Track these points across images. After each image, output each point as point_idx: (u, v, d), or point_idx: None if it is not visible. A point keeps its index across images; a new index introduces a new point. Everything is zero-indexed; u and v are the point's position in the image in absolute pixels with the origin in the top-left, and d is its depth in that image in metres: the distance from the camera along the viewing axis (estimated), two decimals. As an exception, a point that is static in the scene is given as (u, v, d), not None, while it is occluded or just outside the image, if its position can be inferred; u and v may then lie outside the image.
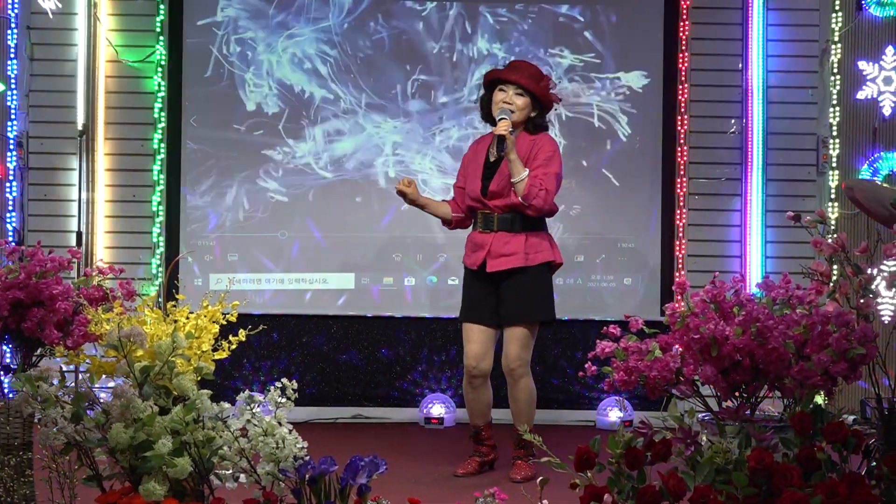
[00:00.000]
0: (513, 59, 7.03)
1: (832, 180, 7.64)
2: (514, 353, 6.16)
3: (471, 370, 6.23)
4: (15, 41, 7.60)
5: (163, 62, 7.79)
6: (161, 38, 7.79)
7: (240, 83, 7.89)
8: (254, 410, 4.21)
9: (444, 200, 6.49)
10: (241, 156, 7.90)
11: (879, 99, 7.65)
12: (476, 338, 6.23)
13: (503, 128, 6.01)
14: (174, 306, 4.75)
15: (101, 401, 4.35)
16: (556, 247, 6.25)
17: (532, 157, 6.07)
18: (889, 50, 7.63)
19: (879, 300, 4.13)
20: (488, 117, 6.28)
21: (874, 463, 3.83)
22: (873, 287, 4.03)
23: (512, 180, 6.03)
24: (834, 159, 7.65)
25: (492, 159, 6.17)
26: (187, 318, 4.71)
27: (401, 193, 6.30)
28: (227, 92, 7.89)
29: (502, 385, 6.49)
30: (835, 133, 7.65)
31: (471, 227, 6.34)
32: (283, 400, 4.21)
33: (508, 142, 5.99)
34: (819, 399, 3.91)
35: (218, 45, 7.87)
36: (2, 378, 4.92)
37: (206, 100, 7.89)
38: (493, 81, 6.23)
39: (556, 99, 6.27)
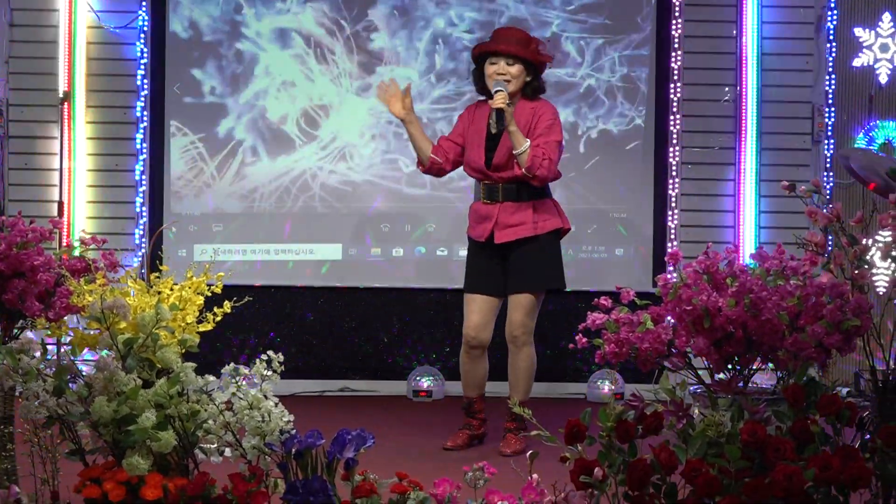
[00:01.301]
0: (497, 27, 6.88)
1: (827, 149, 7.60)
2: (519, 319, 6.13)
3: (470, 340, 6.19)
4: (-6, 7, 7.55)
5: (145, 28, 7.70)
6: (143, 3, 7.69)
7: (225, 49, 7.80)
8: (239, 383, 4.19)
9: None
10: (225, 124, 7.82)
11: (876, 66, 7.62)
12: (478, 308, 6.19)
13: (500, 100, 5.94)
14: (158, 278, 4.72)
15: (84, 374, 4.33)
16: (563, 212, 6.22)
17: (533, 125, 6.03)
18: (886, 16, 7.58)
19: (874, 271, 4.10)
20: (483, 90, 6.21)
21: (868, 436, 3.82)
22: (868, 258, 4.02)
23: (514, 152, 5.97)
24: (829, 128, 7.61)
25: (493, 131, 6.10)
26: (171, 289, 4.68)
27: (387, 101, 6.15)
28: (211, 58, 7.80)
29: (495, 358, 6.45)
30: (830, 101, 7.61)
31: (473, 197, 6.28)
32: (269, 373, 4.21)
33: (507, 114, 5.93)
34: (813, 371, 3.88)
35: (202, 9, 7.77)
36: (-17, 351, 4.86)
37: (190, 66, 7.80)
38: (482, 54, 6.16)
39: (549, 58, 6.22)
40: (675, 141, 7.71)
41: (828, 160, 7.60)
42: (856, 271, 3.99)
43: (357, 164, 7.86)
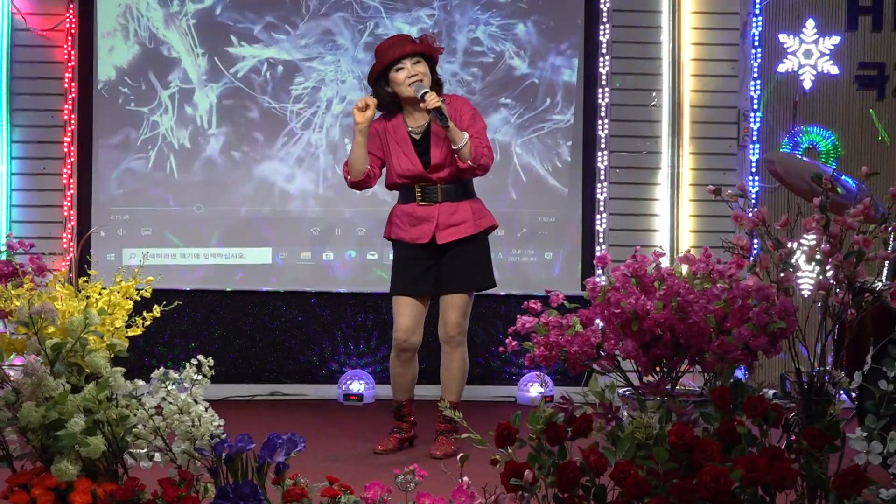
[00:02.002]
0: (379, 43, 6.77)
1: (753, 154, 7.69)
2: (455, 320, 6.14)
3: (401, 343, 6.18)
4: (-83, 10, 7.45)
5: (73, 31, 7.63)
6: (71, 5, 7.62)
7: (153, 52, 7.75)
8: (169, 388, 4.17)
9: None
10: (154, 127, 7.77)
11: (800, 72, 7.72)
12: (408, 311, 6.18)
13: (435, 99, 5.96)
14: (86, 282, 4.69)
15: (12, 379, 4.28)
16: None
17: (457, 119, 6.04)
18: (809, 23, 7.69)
19: (799, 274, 4.14)
20: (387, 107, 6.20)
21: (794, 437, 3.86)
22: (793, 261, 4.05)
23: (455, 147, 5.98)
24: (755, 133, 7.70)
25: (417, 137, 6.13)
26: (100, 293, 4.66)
27: (359, 110, 6.05)
28: (140, 61, 7.75)
29: (424, 360, 6.46)
30: (755, 106, 7.70)
31: (398, 201, 6.27)
32: (199, 377, 4.19)
33: (445, 110, 5.95)
34: (739, 373, 3.92)
35: (130, 12, 7.72)
36: None
37: (118, 69, 7.74)
38: (384, 69, 6.12)
39: (441, 49, 6.26)
40: (603, 145, 7.76)
41: (753, 164, 7.69)
42: (781, 274, 4.03)
43: (287, 168, 7.83)
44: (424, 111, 6.08)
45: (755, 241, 4.16)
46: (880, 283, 5.41)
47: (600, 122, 7.75)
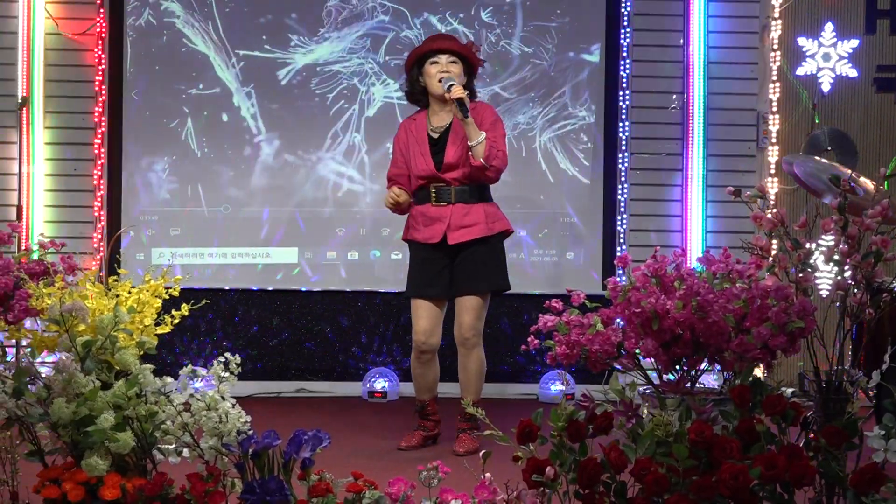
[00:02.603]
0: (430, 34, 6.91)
1: (772, 156, 7.71)
2: (469, 322, 6.17)
3: (420, 345, 6.22)
4: (-49, 13, 7.51)
5: (103, 34, 7.70)
6: (101, 10, 7.69)
7: (183, 55, 7.81)
8: (197, 385, 4.21)
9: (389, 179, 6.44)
10: (183, 129, 7.83)
11: (819, 75, 7.73)
12: (426, 313, 6.22)
13: (459, 90, 6.01)
14: (116, 281, 4.73)
15: (43, 376, 4.33)
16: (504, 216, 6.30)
17: (479, 121, 6.09)
18: (828, 26, 7.70)
19: (818, 274, 4.15)
20: (417, 97, 6.28)
21: (812, 435, 3.87)
22: (812, 261, 4.07)
23: (470, 143, 6.03)
24: (774, 135, 7.72)
25: (435, 136, 6.17)
26: (129, 292, 4.70)
27: (395, 205, 6.23)
28: (169, 64, 7.82)
29: (446, 358, 6.50)
30: (774, 109, 7.71)
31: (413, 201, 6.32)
32: (227, 374, 4.22)
33: (468, 104, 6.00)
34: (758, 372, 3.94)
35: (159, 16, 7.78)
36: (-59, 353, 4.86)
37: (148, 72, 7.81)
38: (420, 58, 6.21)
39: (482, 62, 6.31)
40: (624, 147, 7.79)
41: (772, 166, 7.71)
42: (800, 274, 4.03)
43: (313, 168, 7.89)
44: (449, 110, 6.14)
45: (774, 241, 4.18)
46: (898, 284, 5.42)
47: (621, 123, 7.78)
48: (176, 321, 4.76)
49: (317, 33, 7.84)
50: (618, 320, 4.14)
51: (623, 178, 7.79)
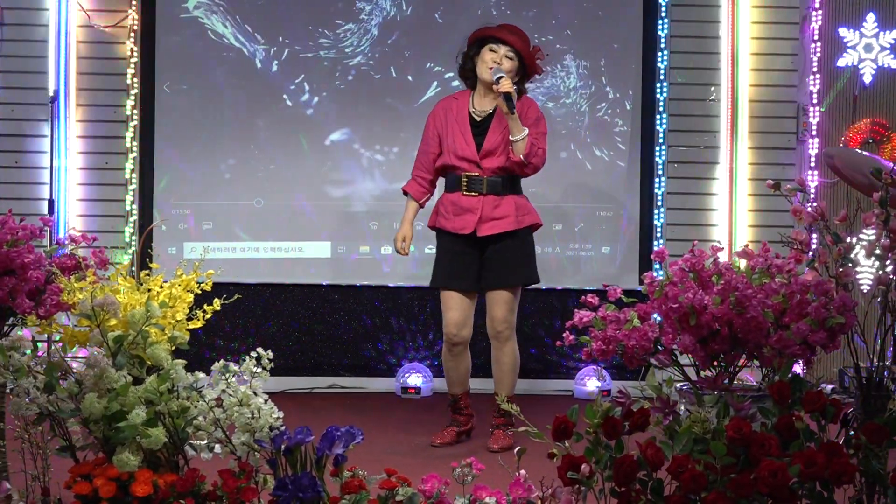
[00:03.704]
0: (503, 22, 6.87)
1: (812, 148, 7.64)
2: (501, 315, 6.15)
3: (451, 338, 6.20)
4: (-16, 6, 7.53)
5: (135, 27, 7.70)
6: (133, 2, 7.69)
7: (214, 48, 7.81)
8: (229, 380, 4.19)
9: (405, 192, 6.41)
10: (215, 122, 7.83)
11: (860, 66, 7.65)
12: (456, 305, 6.20)
13: (508, 86, 5.98)
14: (148, 275, 4.73)
15: (74, 370, 4.33)
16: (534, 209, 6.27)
17: (522, 117, 6.06)
18: (870, 17, 7.62)
19: (858, 269, 4.12)
20: (466, 74, 6.25)
21: (852, 432, 3.84)
22: (852, 256, 4.03)
23: (512, 138, 6.00)
24: (814, 127, 7.65)
25: (478, 118, 6.15)
26: (161, 287, 4.69)
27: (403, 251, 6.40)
28: (201, 57, 7.81)
29: (480, 353, 6.47)
30: (815, 101, 7.64)
31: (441, 190, 6.29)
32: (259, 370, 4.21)
33: (515, 99, 5.97)
34: (797, 368, 3.91)
35: (191, 9, 7.78)
36: (-28, 348, 4.86)
37: (180, 65, 7.81)
38: (482, 39, 6.18)
39: (540, 70, 6.27)
40: (661, 140, 7.74)
41: (812, 159, 7.64)
42: (840, 269, 4.01)
43: (346, 162, 7.87)
44: (494, 98, 6.11)
45: (814, 235, 4.13)
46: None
47: (658, 116, 7.72)
48: (208, 316, 4.74)
49: (358, 22, 7.81)
50: (655, 315, 4.12)
51: (660, 172, 7.73)
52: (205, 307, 4.73)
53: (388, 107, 7.84)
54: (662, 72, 7.72)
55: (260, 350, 4.24)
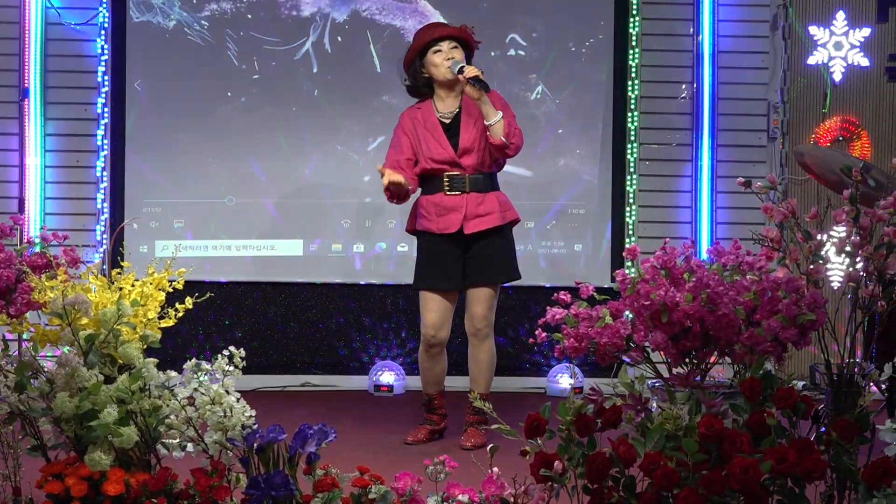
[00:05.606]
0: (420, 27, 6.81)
1: (783, 146, 7.67)
2: (482, 313, 6.15)
3: (429, 339, 6.18)
4: (-49, 4, 7.49)
5: (106, 25, 7.67)
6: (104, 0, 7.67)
7: (186, 45, 7.78)
8: (201, 379, 4.19)
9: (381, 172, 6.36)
10: (186, 120, 7.80)
11: (830, 64, 7.68)
12: (435, 307, 6.18)
13: (474, 70, 5.98)
14: (119, 274, 4.71)
15: (46, 370, 4.32)
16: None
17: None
18: (840, 15, 7.65)
19: (829, 266, 4.13)
20: (421, 90, 6.24)
21: (823, 428, 3.86)
22: (823, 253, 4.05)
23: (488, 122, 5.98)
24: (784, 125, 7.68)
25: (447, 121, 6.14)
26: (133, 285, 4.68)
27: (395, 184, 6.02)
28: (172, 55, 7.78)
29: (453, 352, 6.47)
30: (785, 99, 7.67)
31: (419, 192, 6.27)
32: (231, 368, 4.20)
33: (484, 78, 5.97)
34: (768, 365, 3.92)
35: (162, 6, 7.75)
36: (-57, 347, 4.84)
37: (151, 63, 7.77)
38: (420, 50, 6.16)
39: (478, 43, 6.27)
40: (632, 138, 7.75)
41: (783, 157, 7.67)
42: (811, 266, 4.02)
43: (318, 159, 7.85)
44: (456, 96, 6.11)
45: (784, 233, 4.15)
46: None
47: (630, 114, 7.74)
48: (180, 315, 4.73)
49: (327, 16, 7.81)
50: (627, 313, 4.13)
51: (632, 169, 7.75)
52: (177, 305, 4.72)
53: (362, 104, 7.82)
54: (634, 69, 7.73)
55: (232, 348, 4.24)
